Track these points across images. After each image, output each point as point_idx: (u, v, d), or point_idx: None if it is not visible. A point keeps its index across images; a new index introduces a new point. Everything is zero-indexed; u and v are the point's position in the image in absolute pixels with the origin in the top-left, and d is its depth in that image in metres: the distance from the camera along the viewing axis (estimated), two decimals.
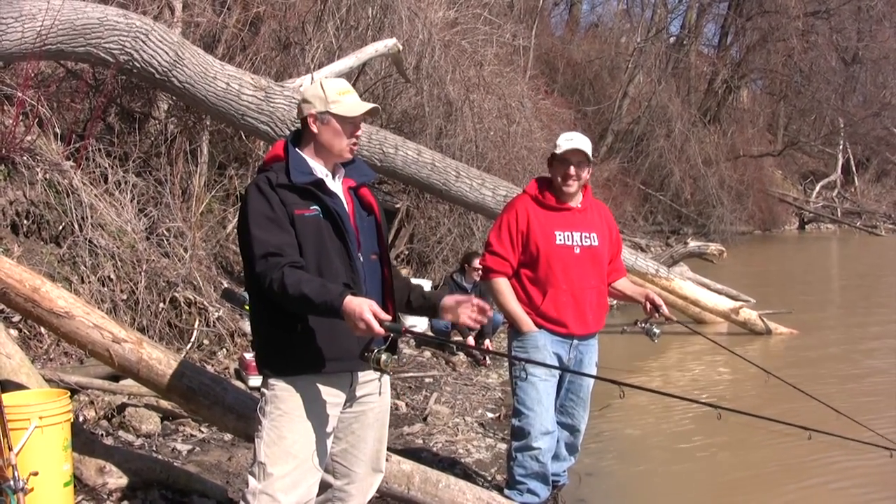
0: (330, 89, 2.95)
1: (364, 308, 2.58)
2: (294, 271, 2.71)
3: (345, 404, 2.97)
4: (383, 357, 2.69)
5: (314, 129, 2.93)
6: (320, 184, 2.90)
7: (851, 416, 4.51)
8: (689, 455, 5.64)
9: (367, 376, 2.99)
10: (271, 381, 2.89)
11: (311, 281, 2.70)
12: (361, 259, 2.93)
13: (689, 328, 5.57)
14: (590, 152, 4.18)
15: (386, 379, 3.08)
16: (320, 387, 2.88)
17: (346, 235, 2.87)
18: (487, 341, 8.24)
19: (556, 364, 4.18)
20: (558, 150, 4.17)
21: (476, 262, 8.20)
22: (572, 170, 4.14)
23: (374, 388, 3.04)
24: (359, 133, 2.98)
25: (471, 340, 8.21)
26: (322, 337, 2.83)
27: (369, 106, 2.96)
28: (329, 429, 2.92)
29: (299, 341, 2.84)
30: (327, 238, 2.85)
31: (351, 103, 2.94)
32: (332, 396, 2.90)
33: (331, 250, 2.85)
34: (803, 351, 9.31)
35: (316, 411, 2.87)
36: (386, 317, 2.62)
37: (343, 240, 2.87)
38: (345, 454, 3.05)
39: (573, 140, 4.18)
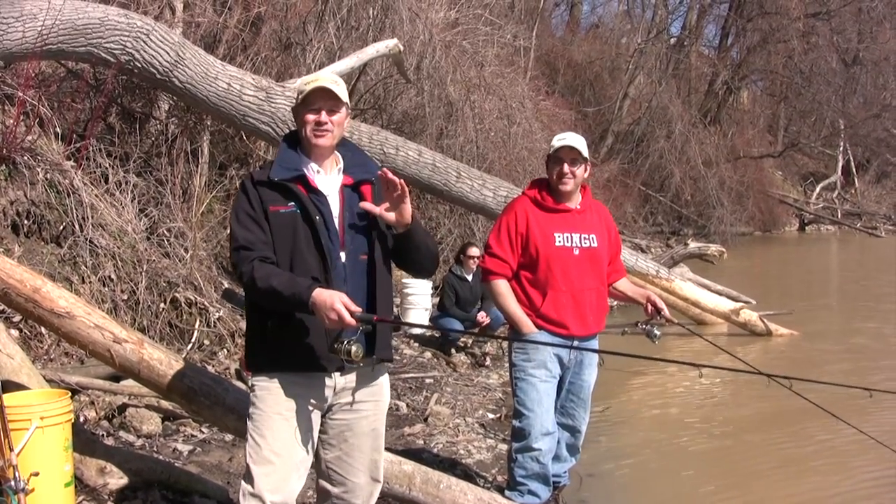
0: (303, 80, 3.00)
1: (335, 299, 2.61)
2: (263, 265, 2.75)
3: (333, 410, 2.94)
4: (353, 348, 2.68)
5: (296, 119, 2.99)
6: (301, 179, 2.88)
7: (851, 414, 4.51)
8: (689, 456, 5.64)
9: (351, 382, 2.93)
10: (252, 379, 2.93)
11: (280, 275, 2.74)
12: (344, 258, 2.87)
13: (689, 330, 5.56)
14: (582, 150, 4.17)
15: (384, 384, 3.05)
16: (295, 385, 2.86)
17: (320, 233, 2.83)
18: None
19: (557, 365, 4.19)
20: (551, 150, 4.22)
21: (471, 250, 8.23)
22: (566, 167, 4.16)
23: (368, 395, 2.99)
24: (320, 118, 2.89)
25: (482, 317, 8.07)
26: (292, 339, 2.82)
27: (314, 86, 2.88)
28: (309, 427, 2.89)
29: (271, 341, 2.85)
30: (301, 235, 2.83)
31: (307, 87, 2.92)
32: (309, 394, 2.88)
33: (304, 247, 2.83)
34: (803, 352, 9.30)
35: (293, 409, 2.86)
36: (356, 308, 2.63)
37: (317, 237, 2.84)
38: (339, 462, 3.01)
39: (565, 139, 4.21)
